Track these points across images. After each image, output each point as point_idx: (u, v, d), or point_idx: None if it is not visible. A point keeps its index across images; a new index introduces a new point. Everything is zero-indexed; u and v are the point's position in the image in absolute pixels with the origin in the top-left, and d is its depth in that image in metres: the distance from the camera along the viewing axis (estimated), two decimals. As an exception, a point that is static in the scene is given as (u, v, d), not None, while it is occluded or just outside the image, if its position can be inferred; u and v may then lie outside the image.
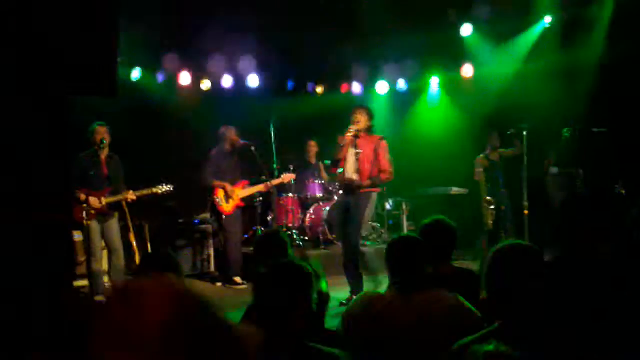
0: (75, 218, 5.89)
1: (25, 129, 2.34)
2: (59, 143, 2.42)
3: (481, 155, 8.22)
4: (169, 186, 6.55)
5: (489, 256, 2.08)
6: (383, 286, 2.96)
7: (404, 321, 2.60)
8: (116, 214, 6.37)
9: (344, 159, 6.10)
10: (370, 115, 6.15)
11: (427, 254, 2.80)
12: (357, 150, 6.02)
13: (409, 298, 2.67)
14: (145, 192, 6.42)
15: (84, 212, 6.00)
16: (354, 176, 6.05)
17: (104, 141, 6.24)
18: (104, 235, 6.26)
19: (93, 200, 6.09)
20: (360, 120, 6.04)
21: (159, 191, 6.52)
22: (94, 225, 6.15)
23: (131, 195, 6.28)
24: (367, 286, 5.79)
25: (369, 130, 6.13)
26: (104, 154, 6.29)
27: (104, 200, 6.18)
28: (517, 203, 7.17)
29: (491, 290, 2.05)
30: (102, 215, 6.22)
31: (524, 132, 7.18)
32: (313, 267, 2.38)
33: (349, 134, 6.00)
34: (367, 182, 6.01)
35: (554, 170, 7.89)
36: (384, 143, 6.12)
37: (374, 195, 6.22)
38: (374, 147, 6.03)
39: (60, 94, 2.35)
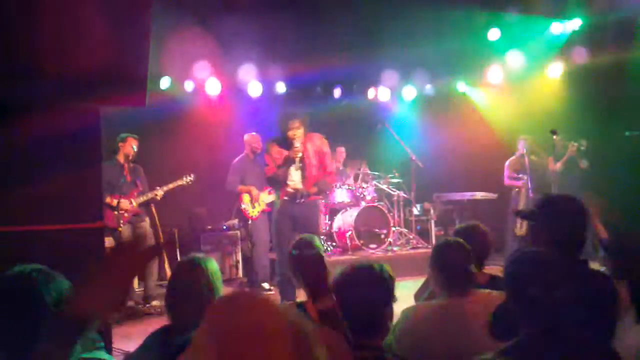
0: (108, 224, 6.01)
1: (60, 141, 2.40)
2: (93, 154, 2.47)
3: (511, 159, 8.12)
4: (191, 176, 6.73)
5: (505, 265, 2.02)
6: None
7: (464, 325, 2.54)
8: (147, 219, 6.50)
9: (290, 174, 5.66)
10: (305, 121, 5.66)
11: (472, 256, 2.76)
12: (299, 164, 5.64)
13: (464, 302, 2.62)
14: (171, 185, 6.63)
15: (117, 219, 6.12)
16: (299, 185, 5.66)
17: (135, 149, 6.38)
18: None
19: (124, 202, 6.21)
20: (300, 135, 5.58)
21: (184, 182, 6.71)
22: (126, 229, 6.26)
23: (159, 192, 6.43)
24: None
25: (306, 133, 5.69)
26: (127, 162, 6.43)
27: (134, 202, 6.31)
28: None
29: (509, 299, 1.99)
30: (135, 216, 6.35)
31: (555, 137, 7.14)
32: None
33: (298, 156, 5.56)
34: (313, 189, 5.67)
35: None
36: (325, 142, 5.77)
37: (319, 203, 5.90)
38: (316, 149, 5.68)
39: (93, 106, 2.41)
